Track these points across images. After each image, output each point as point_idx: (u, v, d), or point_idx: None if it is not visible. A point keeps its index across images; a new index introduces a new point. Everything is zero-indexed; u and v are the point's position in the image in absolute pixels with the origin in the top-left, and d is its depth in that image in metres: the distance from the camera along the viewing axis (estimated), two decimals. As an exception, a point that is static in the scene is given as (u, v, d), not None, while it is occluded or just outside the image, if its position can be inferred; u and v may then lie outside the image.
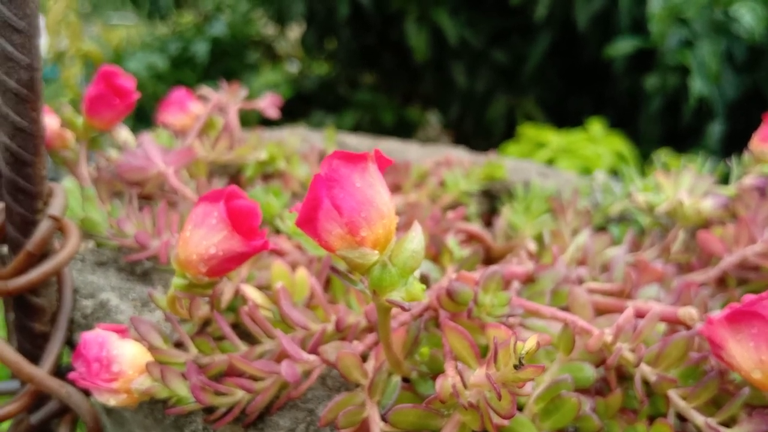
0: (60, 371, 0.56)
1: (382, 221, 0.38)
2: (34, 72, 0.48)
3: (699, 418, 0.44)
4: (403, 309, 0.38)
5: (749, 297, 0.43)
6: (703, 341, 0.50)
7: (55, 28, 3.42)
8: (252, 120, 1.97)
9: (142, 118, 3.47)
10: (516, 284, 0.54)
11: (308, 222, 0.38)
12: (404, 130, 3.48)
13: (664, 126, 2.69)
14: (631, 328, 0.46)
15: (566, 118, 3.11)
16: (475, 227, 0.64)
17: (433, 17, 2.87)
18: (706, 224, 0.75)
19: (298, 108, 3.76)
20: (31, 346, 0.55)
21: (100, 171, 0.70)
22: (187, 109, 0.87)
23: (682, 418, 0.46)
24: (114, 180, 0.70)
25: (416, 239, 0.39)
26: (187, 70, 3.73)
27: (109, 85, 0.70)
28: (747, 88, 2.60)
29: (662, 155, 2.25)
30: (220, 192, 0.45)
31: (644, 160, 2.44)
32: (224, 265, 0.46)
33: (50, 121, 0.71)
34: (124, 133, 0.77)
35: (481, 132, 3.08)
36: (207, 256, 0.45)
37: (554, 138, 2.45)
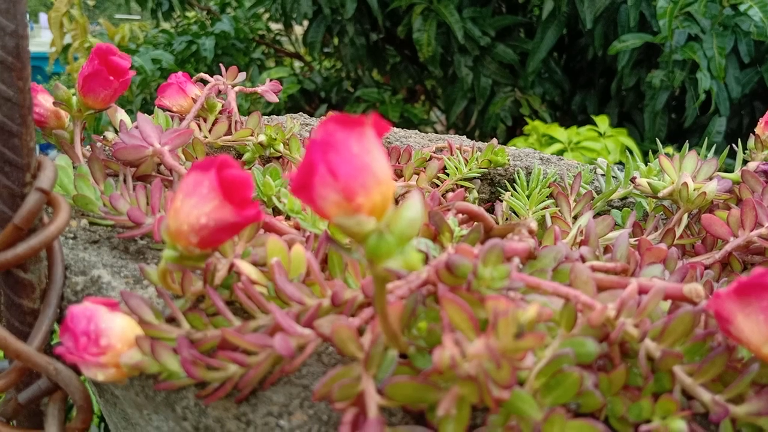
0: (51, 349, 0.55)
1: (379, 188, 0.37)
2: (19, 39, 0.46)
3: (706, 395, 0.43)
4: (400, 277, 0.37)
5: (759, 269, 0.41)
6: (709, 319, 0.48)
7: (58, 23, 3.42)
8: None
9: (147, 113, 3.48)
10: (517, 261, 0.53)
11: (303, 188, 0.37)
12: (409, 126, 3.48)
13: (668, 123, 2.68)
14: (634, 303, 0.45)
15: (571, 113, 3.10)
16: (476, 207, 0.63)
17: (440, 13, 2.86)
18: (710, 208, 0.74)
19: (303, 103, 3.76)
20: (20, 323, 0.53)
21: (95, 150, 0.69)
22: (185, 92, 0.86)
23: (687, 395, 0.45)
24: (109, 160, 0.69)
25: (414, 207, 0.38)
26: (192, 66, 3.74)
27: (104, 62, 0.68)
28: (752, 85, 2.59)
29: (667, 151, 2.24)
30: (211, 161, 0.44)
31: (648, 157, 2.44)
32: (216, 236, 0.44)
33: (44, 100, 0.70)
34: (119, 114, 0.76)
35: (486, 127, 3.07)
36: (198, 227, 0.44)
37: (563, 133, 2.45)
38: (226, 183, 0.44)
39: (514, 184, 0.86)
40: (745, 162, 0.79)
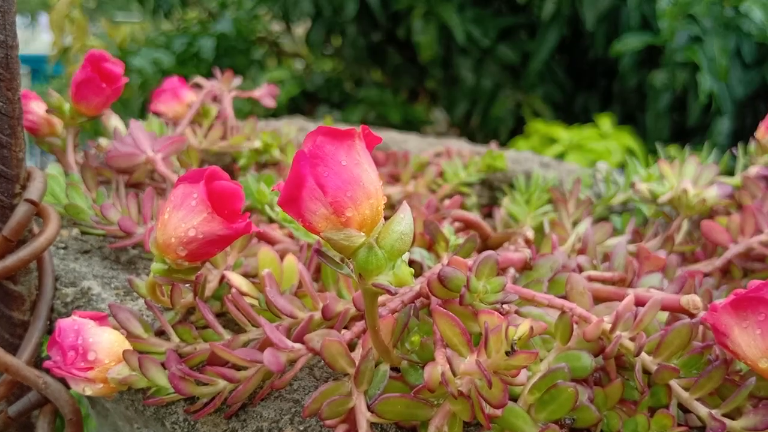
0: (41, 361, 0.54)
1: (368, 201, 0.36)
2: (9, 50, 0.46)
3: (702, 410, 0.42)
4: (390, 293, 0.36)
5: (755, 282, 0.41)
6: (706, 331, 0.48)
7: (59, 24, 3.41)
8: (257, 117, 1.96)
9: (146, 115, 3.47)
10: (512, 272, 0.52)
11: (291, 201, 0.36)
12: (410, 127, 3.46)
13: (671, 123, 2.67)
14: (631, 315, 0.44)
15: (573, 115, 3.09)
16: (472, 215, 0.62)
17: (440, 14, 2.85)
18: (710, 214, 0.73)
19: (303, 105, 3.75)
20: (10, 335, 0.53)
21: (88, 158, 0.68)
22: (180, 97, 0.85)
23: (684, 409, 0.44)
24: (102, 168, 0.68)
25: (405, 220, 0.37)
26: (193, 67, 3.72)
27: (96, 69, 0.68)
28: (755, 86, 2.58)
29: (670, 151, 2.23)
30: (200, 172, 0.43)
31: (651, 157, 2.43)
32: (205, 249, 0.44)
33: (37, 107, 0.69)
34: (113, 120, 0.75)
35: (487, 129, 3.06)
36: (186, 239, 0.43)
37: (564, 133, 2.44)
38: (215, 195, 0.43)
39: (513, 190, 0.86)
40: (745, 166, 0.78)
